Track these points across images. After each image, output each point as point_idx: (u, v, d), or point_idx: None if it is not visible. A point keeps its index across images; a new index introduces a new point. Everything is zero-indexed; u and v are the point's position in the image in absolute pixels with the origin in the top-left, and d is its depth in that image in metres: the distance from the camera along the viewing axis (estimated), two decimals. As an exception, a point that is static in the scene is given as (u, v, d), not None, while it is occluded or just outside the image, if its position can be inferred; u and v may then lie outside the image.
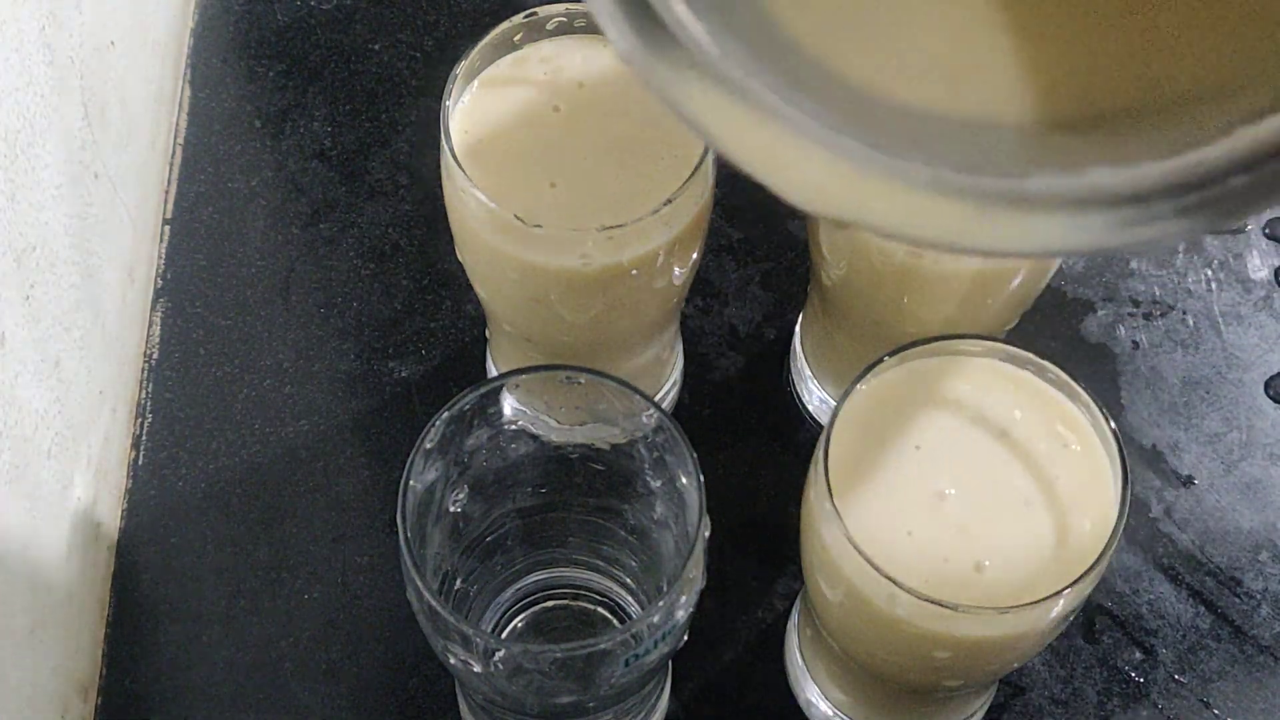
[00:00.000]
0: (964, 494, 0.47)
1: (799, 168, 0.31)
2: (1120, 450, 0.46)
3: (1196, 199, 0.29)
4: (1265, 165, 0.28)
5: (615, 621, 0.55)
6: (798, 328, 0.64)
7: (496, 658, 0.44)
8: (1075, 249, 0.33)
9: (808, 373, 0.63)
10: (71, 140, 0.58)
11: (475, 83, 0.53)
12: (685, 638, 0.47)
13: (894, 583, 0.43)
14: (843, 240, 0.53)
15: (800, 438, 0.63)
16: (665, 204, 0.49)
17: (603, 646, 0.43)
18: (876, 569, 0.43)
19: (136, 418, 0.63)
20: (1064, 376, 0.47)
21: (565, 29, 0.53)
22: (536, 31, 0.53)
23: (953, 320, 0.53)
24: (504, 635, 0.55)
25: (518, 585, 0.55)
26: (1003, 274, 0.52)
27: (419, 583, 0.43)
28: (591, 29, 0.52)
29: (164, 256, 0.67)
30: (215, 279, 0.67)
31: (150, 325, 0.66)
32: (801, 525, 0.48)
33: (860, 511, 0.46)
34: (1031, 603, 0.43)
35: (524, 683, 0.45)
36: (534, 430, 0.49)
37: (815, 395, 0.63)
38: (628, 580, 0.55)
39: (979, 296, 0.53)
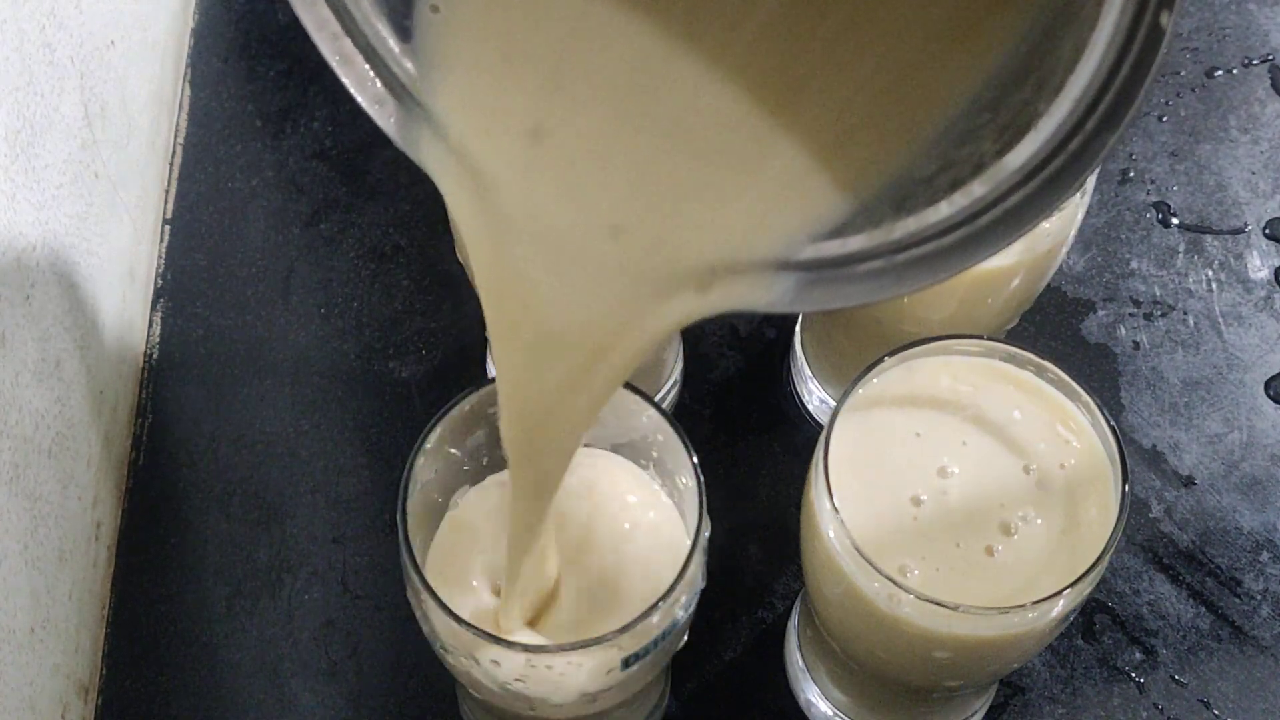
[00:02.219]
0: (967, 476, 0.47)
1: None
2: (1120, 450, 0.46)
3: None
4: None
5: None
6: (798, 327, 0.64)
7: (496, 658, 0.44)
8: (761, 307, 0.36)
9: (808, 373, 0.63)
10: (71, 140, 0.58)
11: None
12: (685, 638, 0.47)
13: (894, 583, 0.43)
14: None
15: (800, 438, 0.63)
16: None
17: (603, 647, 0.43)
18: (876, 569, 0.43)
19: (136, 418, 0.63)
20: (1064, 376, 0.47)
21: None
22: None
23: (953, 320, 0.53)
24: (504, 635, 0.55)
25: (518, 585, 0.55)
26: (1002, 274, 0.52)
27: (419, 583, 0.43)
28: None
29: (164, 256, 0.67)
30: (215, 279, 0.67)
31: (150, 325, 0.66)
32: (801, 525, 0.48)
33: (861, 511, 0.46)
34: (1031, 603, 0.43)
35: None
36: (534, 430, 0.49)
37: (815, 395, 0.63)
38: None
39: (979, 296, 0.53)
